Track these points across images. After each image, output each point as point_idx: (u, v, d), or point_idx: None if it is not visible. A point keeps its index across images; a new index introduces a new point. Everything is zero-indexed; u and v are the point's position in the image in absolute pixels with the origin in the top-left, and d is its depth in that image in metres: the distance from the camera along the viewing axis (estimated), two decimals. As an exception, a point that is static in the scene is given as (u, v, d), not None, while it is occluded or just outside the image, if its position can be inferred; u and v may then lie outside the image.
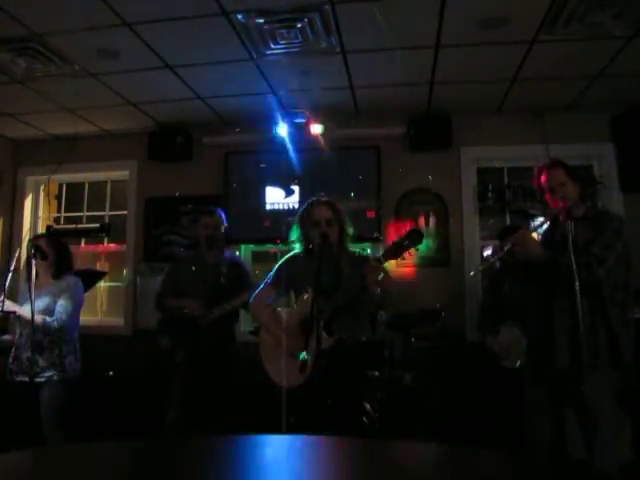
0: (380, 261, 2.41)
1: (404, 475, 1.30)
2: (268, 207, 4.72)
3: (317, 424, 2.43)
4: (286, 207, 4.69)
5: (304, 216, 2.75)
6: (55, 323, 3.04)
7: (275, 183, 4.72)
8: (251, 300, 2.92)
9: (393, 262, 2.55)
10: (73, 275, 3.30)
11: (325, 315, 2.49)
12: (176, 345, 3.25)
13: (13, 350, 3.14)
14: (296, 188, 4.69)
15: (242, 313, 3.58)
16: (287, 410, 2.47)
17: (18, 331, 3.18)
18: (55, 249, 3.22)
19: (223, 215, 3.51)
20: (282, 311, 2.76)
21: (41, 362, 3.03)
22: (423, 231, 3.05)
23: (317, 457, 1.46)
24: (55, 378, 3.04)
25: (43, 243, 3.17)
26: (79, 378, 3.18)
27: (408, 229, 2.47)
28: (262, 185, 4.73)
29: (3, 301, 3.01)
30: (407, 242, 2.37)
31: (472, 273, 2.83)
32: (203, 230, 3.41)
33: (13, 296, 3.25)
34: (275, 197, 4.73)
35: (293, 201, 4.68)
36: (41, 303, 3.08)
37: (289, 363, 2.53)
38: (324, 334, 2.46)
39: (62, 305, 3.10)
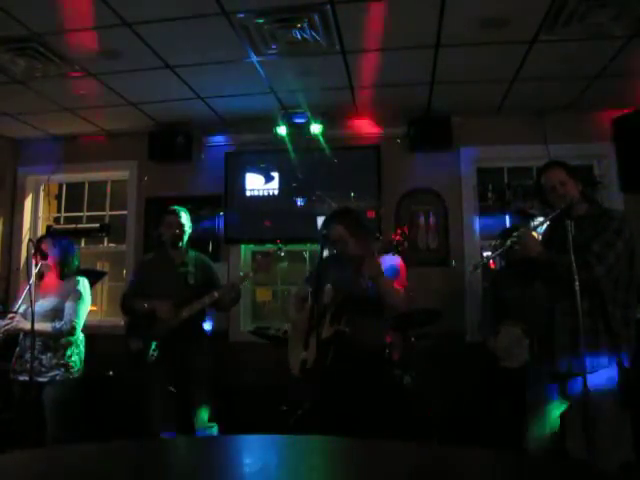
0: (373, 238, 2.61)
1: (404, 475, 1.30)
2: (248, 194, 4.71)
3: (317, 424, 2.44)
4: (265, 194, 4.69)
5: (324, 235, 2.78)
6: (65, 326, 3.03)
7: (254, 169, 4.70)
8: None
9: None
10: (79, 275, 3.29)
11: (331, 309, 2.66)
12: (148, 347, 3.16)
13: (17, 350, 3.14)
14: (275, 174, 4.67)
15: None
16: (291, 405, 2.51)
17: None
18: (59, 250, 3.21)
19: (186, 214, 3.43)
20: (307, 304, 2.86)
21: (45, 362, 3.03)
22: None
23: (317, 457, 1.46)
24: (59, 378, 3.03)
25: (46, 243, 3.16)
26: (82, 378, 3.17)
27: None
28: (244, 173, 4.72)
29: (12, 318, 3.03)
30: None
31: (470, 269, 2.83)
32: (167, 230, 3.34)
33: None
34: (254, 184, 4.72)
35: (272, 187, 4.68)
36: (48, 303, 3.08)
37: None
38: (328, 323, 2.60)
39: (71, 307, 3.09)
